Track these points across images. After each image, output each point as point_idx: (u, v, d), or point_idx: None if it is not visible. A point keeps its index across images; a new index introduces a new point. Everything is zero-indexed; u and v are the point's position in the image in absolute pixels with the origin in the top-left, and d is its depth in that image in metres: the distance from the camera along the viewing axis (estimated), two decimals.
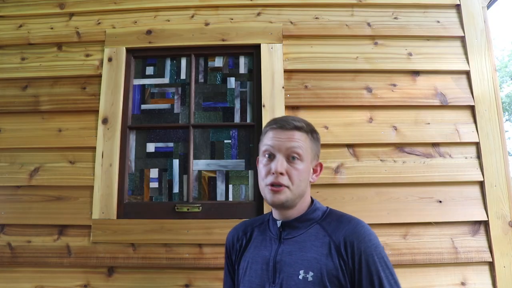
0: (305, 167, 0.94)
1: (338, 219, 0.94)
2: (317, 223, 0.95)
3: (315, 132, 0.99)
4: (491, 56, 1.66)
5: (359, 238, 0.87)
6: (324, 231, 0.93)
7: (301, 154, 0.93)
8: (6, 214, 1.57)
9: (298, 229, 0.95)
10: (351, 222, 0.92)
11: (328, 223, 0.94)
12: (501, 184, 1.52)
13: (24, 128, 1.65)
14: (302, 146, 0.93)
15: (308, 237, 0.93)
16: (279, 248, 0.95)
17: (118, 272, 1.50)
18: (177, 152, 1.66)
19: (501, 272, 1.45)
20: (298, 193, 0.93)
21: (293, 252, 0.92)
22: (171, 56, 1.75)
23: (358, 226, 0.90)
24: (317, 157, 1.00)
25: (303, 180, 0.93)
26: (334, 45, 1.68)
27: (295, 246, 0.93)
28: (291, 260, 0.91)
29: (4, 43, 1.74)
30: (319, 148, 1.01)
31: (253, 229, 1.06)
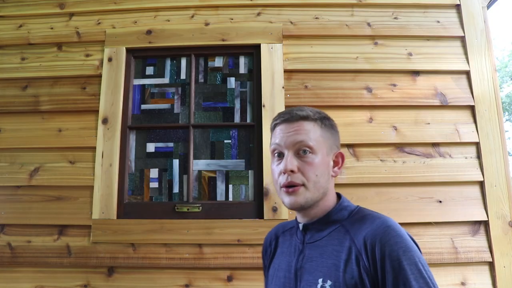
0: (321, 160, 0.82)
1: (362, 218, 0.80)
2: (341, 224, 0.82)
3: (327, 118, 0.87)
4: (491, 56, 1.66)
5: (382, 240, 0.72)
6: (347, 233, 0.80)
7: (312, 146, 0.81)
8: (6, 214, 1.57)
9: (321, 231, 0.84)
10: (375, 221, 0.77)
11: (352, 224, 0.81)
12: (501, 184, 1.52)
13: (24, 128, 1.65)
14: (312, 137, 0.82)
15: (331, 240, 0.82)
16: (301, 254, 0.85)
17: (118, 272, 1.50)
18: (177, 152, 1.66)
19: (501, 272, 1.45)
20: (318, 190, 0.81)
21: (313, 258, 0.82)
22: (171, 56, 1.75)
23: (382, 225, 0.75)
24: (335, 147, 0.87)
25: (321, 175, 0.81)
26: (334, 45, 1.68)
27: (316, 251, 0.83)
28: (311, 267, 0.82)
29: (4, 43, 1.74)
30: (336, 137, 0.88)
31: (284, 233, 0.97)
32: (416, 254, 0.72)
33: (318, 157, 0.82)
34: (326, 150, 0.84)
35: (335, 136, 0.88)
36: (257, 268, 1.47)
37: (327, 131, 0.86)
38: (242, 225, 1.50)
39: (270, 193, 1.52)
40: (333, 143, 0.86)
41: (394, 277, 0.70)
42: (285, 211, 1.50)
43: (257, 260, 1.47)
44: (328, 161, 0.84)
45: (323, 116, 0.87)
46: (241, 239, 1.49)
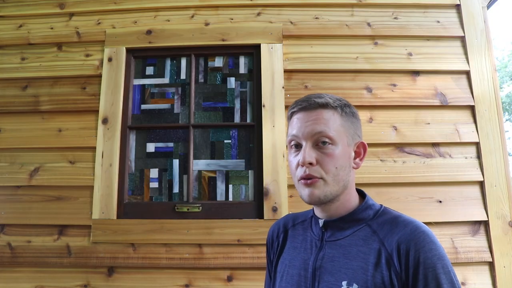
0: (342, 151, 0.76)
1: (393, 220, 0.75)
2: (367, 224, 0.77)
3: (348, 106, 0.80)
4: (491, 56, 1.66)
5: (417, 246, 0.69)
6: (374, 235, 0.75)
7: (332, 136, 0.75)
8: (6, 214, 1.57)
9: (344, 230, 0.79)
10: (409, 225, 0.72)
11: (380, 226, 0.76)
12: (501, 184, 1.52)
13: (24, 128, 1.65)
14: (332, 127, 0.76)
15: (355, 241, 0.76)
16: (320, 252, 0.80)
17: (118, 272, 1.50)
18: (177, 152, 1.66)
19: (501, 272, 1.45)
20: (338, 183, 0.76)
21: (335, 258, 0.77)
22: (171, 56, 1.75)
23: (417, 230, 0.71)
24: (357, 137, 0.80)
25: (342, 168, 0.76)
26: (334, 45, 1.68)
27: (339, 251, 0.77)
28: (333, 268, 0.76)
29: (4, 43, 1.74)
30: (357, 125, 0.80)
31: (294, 226, 0.91)
32: (448, 263, 0.69)
33: (338, 148, 0.76)
34: (347, 140, 0.78)
35: (356, 124, 0.80)
36: (257, 268, 1.47)
37: (348, 120, 0.79)
38: (242, 225, 1.50)
39: (270, 193, 1.52)
40: (354, 132, 0.79)
41: (425, 283, 0.67)
42: (285, 211, 1.50)
43: (257, 260, 1.47)
44: (349, 152, 0.78)
45: (344, 104, 0.79)
46: (241, 239, 1.49)
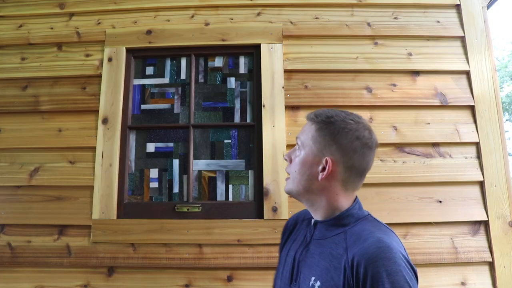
0: (303, 159, 0.86)
1: (360, 233, 0.80)
2: (344, 231, 0.83)
3: (330, 123, 0.86)
4: (491, 56, 1.66)
5: (368, 260, 0.71)
6: (344, 242, 0.81)
7: (298, 143, 0.89)
8: (6, 214, 1.57)
9: (328, 231, 0.86)
10: (368, 240, 0.75)
11: (350, 235, 0.81)
12: (501, 184, 1.52)
13: (24, 128, 1.65)
14: (304, 136, 0.89)
15: (331, 244, 0.83)
16: (306, 247, 0.89)
17: (118, 272, 1.50)
18: (177, 152, 1.66)
19: (501, 272, 1.45)
20: (297, 185, 0.87)
21: (314, 255, 0.85)
22: (171, 56, 1.75)
23: (373, 245, 0.72)
24: (328, 153, 0.84)
25: (299, 173, 0.86)
26: (334, 45, 1.68)
27: (318, 250, 0.86)
28: (311, 263, 0.85)
29: (4, 43, 1.74)
30: (335, 142, 0.84)
31: (303, 221, 1.00)
32: (401, 279, 0.68)
33: (301, 155, 0.87)
34: (314, 150, 0.86)
35: (331, 141, 0.85)
36: (257, 268, 1.47)
37: (322, 134, 0.86)
38: (242, 225, 1.50)
39: (270, 193, 1.52)
40: (325, 146, 0.85)
41: None
42: (285, 211, 1.50)
43: (257, 260, 1.47)
44: (313, 162, 0.86)
45: (324, 120, 0.87)
46: (241, 239, 1.49)
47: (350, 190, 0.87)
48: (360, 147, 0.83)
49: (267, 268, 1.47)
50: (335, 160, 0.84)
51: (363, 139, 0.84)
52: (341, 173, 0.84)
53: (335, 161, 0.84)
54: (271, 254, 1.47)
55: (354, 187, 0.88)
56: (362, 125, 0.86)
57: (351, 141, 0.84)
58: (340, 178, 0.85)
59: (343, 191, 0.86)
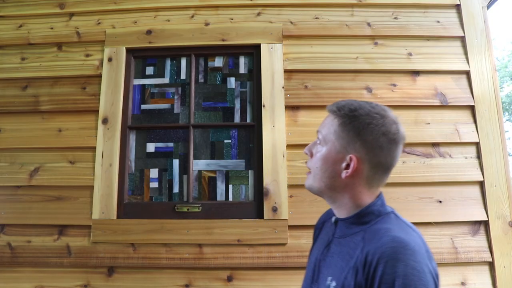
0: (325, 155, 0.82)
1: (377, 231, 0.75)
2: (363, 230, 0.79)
3: (353, 117, 0.79)
4: (491, 56, 1.66)
5: (381, 259, 0.67)
6: (362, 241, 0.76)
7: (320, 139, 0.83)
8: (6, 214, 1.57)
9: (348, 229, 0.82)
10: (384, 238, 0.70)
11: (368, 234, 0.77)
12: (501, 184, 1.52)
13: (24, 128, 1.65)
14: (325, 131, 0.82)
15: (350, 243, 0.79)
16: (327, 246, 0.86)
17: (118, 272, 1.50)
18: (177, 152, 1.66)
19: (501, 272, 1.45)
20: (318, 182, 0.83)
21: (334, 255, 0.82)
22: (171, 56, 1.75)
23: (389, 244, 0.68)
24: (352, 150, 0.79)
25: (321, 169, 0.82)
26: (334, 45, 1.68)
27: (338, 249, 0.82)
28: (329, 263, 0.81)
29: (4, 43, 1.74)
30: (356, 139, 0.79)
31: (329, 220, 0.95)
32: (415, 283, 0.62)
33: (323, 151, 0.82)
34: (337, 146, 0.81)
35: (355, 138, 0.79)
36: (257, 268, 1.47)
37: (345, 131, 0.80)
38: (242, 225, 1.50)
39: (270, 193, 1.52)
40: (349, 143, 0.79)
41: None
42: (285, 211, 1.50)
43: (257, 260, 1.47)
44: (336, 159, 0.81)
45: (350, 115, 0.80)
46: (241, 239, 1.49)
47: (375, 187, 0.82)
48: (387, 143, 0.78)
49: (267, 268, 1.47)
50: (360, 158, 0.79)
51: (389, 134, 0.78)
52: (366, 170, 0.79)
53: (360, 159, 0.79)
54: (271, 254, 1.47)
55: (379, 183, 0.83)
56: (389, 119, 0.80)
57: (377, 137, 0.78)
58: (364, 175, 0.80)
59: (367, 189, 0.82)
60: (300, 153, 1.56)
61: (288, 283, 1.45)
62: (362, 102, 0.82)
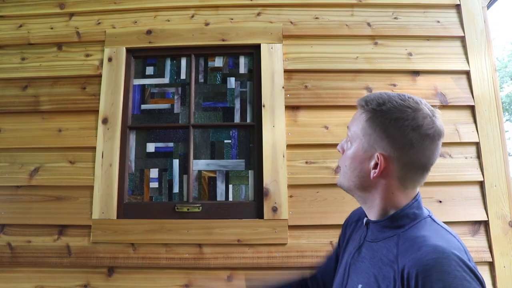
0: (353, 153, 0.77)
1: (414, 239, 0.68)
2: (397, 234, 0.72)
3: (381, 112, 0.73)
4: (491, 56, 1.66)
5: (421, 274, 0.60)
6: (395, 248, 0.70)
7: (349, 136, 0.79)
8: (6, 214, 1.57)
9: (380, 233, 0.76)
10: (422, 249, 0.64)
11: (403, 241, 0.70)
12: (501, 184, 1.52)
13: (24, 128, 1.65)
14: (353, 128, 0.78)
15: (382, 248, 0.73)
16: (358, 249, 0.80)
17: (118, 272, 1.50)
18: (177, 152, 1.66)
19: (501, 272, 1.45)
20: (347, 181, 0.78)
21: (365, 259, 0.76)
22: (171, 56, 1.75)
23: (427, 256, 0.61)
24: (379, 147, 0.73)
25: (350, 168, 0.77)
26: (334, 45, 1.68)
27: (369, 254, 0.76)
28: (360, 268, 0.76)
29: (4, 43, 1.74)
30: (384, 136, 0.72)
31: (361, 220, 0.88)
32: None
33: (351, 149, 0.78)
34: (364, 144, 0.75)
35: (383, 134, 0.73)
36: (257, 268, 1.47)
37: (372, 127, 0.74)
38: (242, 225, 1.50)
39: (270, 193, 1.52)
40: (376, 140, 0.73)
41: None
42: (285, 211, 1.50)
43: (257, 260, 1.47)
44: (364, 157, 0.75)
45: (377, 110, 0.73)
46: (241, 239, 1.49)
47: (410, 187, 0.76)
48: (418, 139, 0.71)
49: (267, 268, 1.47)
50: (388, 156, 0.72)
51: (421, 129, 0.70)
52: (397, 170, 0.73)
53: (387, 157, 0.72)
54: (271, 254, 1.47)
55: (415, 184, 0.76)
56: (421, 112, 0.71)
57: (405, 133, 0.71)
58: (395, 175, 0.74)
59: (401, 190, 0.75)
60: (300, 153, 1.56)
61: None
62: (394, 94, 0.74)
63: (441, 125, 0.72)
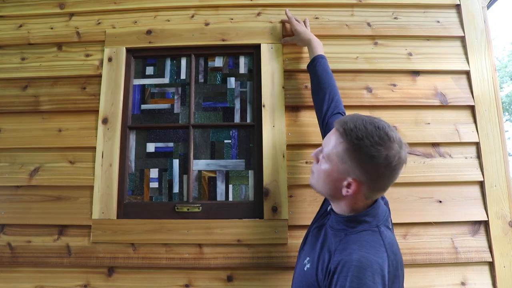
0: (327, 171, 0.89)
1: (351, 243, 0.86)
2: (346, 233, 0.90)
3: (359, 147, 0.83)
4: (491, 56, 1.66)
5: (342, 272, 0.79)
6: (339, 243, 0.88)
7: (325, 152, 0.91)
8: (6, 214, 1.57)
9: (336, 224, 0.95)
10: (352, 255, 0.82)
11: (345, 241, 0.88)
12: (501, 184, 1.52)
13: (24, 128, 1.65)
14: (328, 148, 0.90)
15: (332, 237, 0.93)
16: (319, 227, 1.02)
17: (118, 272, 1.50)
18: (177, 152, 1.66)
19: (501, 272, 1.45)
20: (321, 190, 0.95)
21: (319, 239, 0.96)
22: (171, 56, 1.75)
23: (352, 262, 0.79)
24: (354, 174, 0.85)
25: (324, 182, 0.92)
26: (334, 45, 1.68)
27: (323, 236, 0.96)
28: (313, 244, 0.97)
29: (4, 43, 1.74)
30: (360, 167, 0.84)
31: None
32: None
33: (326, 166, 0.89)
34: (339, 169, 0.87)
35: (358, 166, 0.84)
36: (257, 268, 1.47)
37: (349, 157, 0.84)
38: (242, 225, 1.50)
39: (270, 193, 1.52)
40: (350, 169, 0.85)
41: None
42: (285, 211, 1.50)
43: (257, 260, 1.47)
44: (338, 177, 0.88)
45: (355, 144, 0.83)
46: (241, 239, 1.49)
47: (371, 199, 0.91)
48: (387, 173, 0.84)
49: (267, 268, 1.47)
50: (359, 181, 0.86)
51: (391, 165, 0.83)
52: (365, 190, 0.87)
53: (359, 182, 0.86)
54: (271, 254, 1.47)
55: (377, 197, 0.92)
56: (392, 151, 0.82)
57: (378, 169, 0.83)
58: (363, 193, 0.88)
59: (363, 201, 0.90)
60: (300, 153, 1.56)
61: (288, 283, 1.44)
62: (370, 127, 0.83)
63: (405, 155, 0.85)
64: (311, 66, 1.46)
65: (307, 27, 1.62)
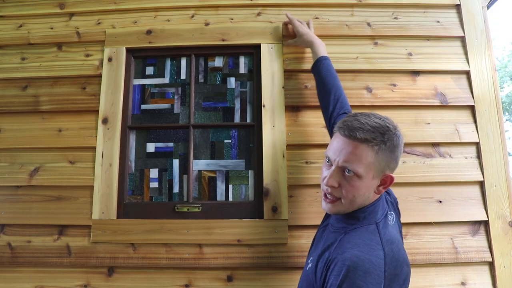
0: (364, 184, 0.87)
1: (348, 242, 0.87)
2: (345, 232, 0.91)
3: (389, 140, 0.87)
4: (491, 56, 1.66)
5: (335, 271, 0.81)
6: (337, 242, 0.90)
7: (358, 172, 0.85)
8: (6, 214, 1.57)
9: (336, 223, 0.96)
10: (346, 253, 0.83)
11: (343, 240, 0.89)
12: (501, 184, 1.52)
13: (24, 128, 1.65)
14: (362, 163, 0.84)
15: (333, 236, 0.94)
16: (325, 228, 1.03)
17: (118, 272, 1.50)
18: (177, 152, 1.66)
19: (501, 272, 1.45)
20: (352, 206, 0.91)
21: (322, 240, 0.98)
22: (171, 56, 1.75)
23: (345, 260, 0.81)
24: (387, 169, 0.89)
25: (359, 196, 0.88)
26: (334, 45, 1.68)
27: (325, 235, 0.98)
28: (317, 245, 0.98)
29: (4, 43, 1.74)
30: (392, 158, 0.89)
31: None
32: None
33: (361, 181, 0.86)
34: (373, 174, 0.87)
35: (390, 158, 0.88)
36: (257, 268, 1.47)
37: (383, 154, 0.87)
38: (242, 225, 1.50)
39: (270, 193, 1.52)
40: (385, 165, 0.88)
41: None
42: (285, 211, 1.50)
43: (257, 260, 1.47)
44: (372, 183, 0.88)
45: (385, 139, 0.86)
46: (241, 239, 1.49)
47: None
48: (401, 149, 0.93)
49: (267, 268, 1.47)
50: (391, 170, 0.91)
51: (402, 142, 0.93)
52: None
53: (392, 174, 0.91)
54: (271, 254, 1.47)
55: None
56: (401, 136, 0.93)
57: (401, 150, 0.92)
58: None
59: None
60: (300, 153, 1.56)
61: (288, 283, 1.45)
62: (381, 121, 0.89)
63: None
64: (315, 68, 1.46)
65: (311, 28, 1.62)
